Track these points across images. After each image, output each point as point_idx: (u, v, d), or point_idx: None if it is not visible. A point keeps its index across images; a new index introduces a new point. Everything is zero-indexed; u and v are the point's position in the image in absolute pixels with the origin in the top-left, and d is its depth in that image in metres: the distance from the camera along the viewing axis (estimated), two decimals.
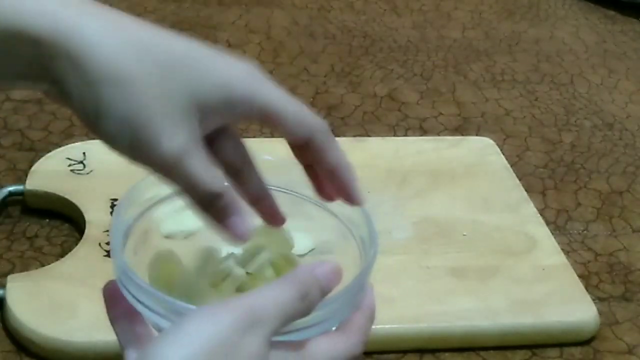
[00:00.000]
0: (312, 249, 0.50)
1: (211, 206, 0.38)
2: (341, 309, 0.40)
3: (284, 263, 0.47)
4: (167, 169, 0.37)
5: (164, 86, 0.36)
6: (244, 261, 0.46)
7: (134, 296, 0.38)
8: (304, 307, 0.37)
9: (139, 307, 0.38)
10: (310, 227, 0.48)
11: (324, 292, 0.38)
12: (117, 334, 0.40)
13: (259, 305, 0.35)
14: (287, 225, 0.45)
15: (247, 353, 0.34)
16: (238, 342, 0.34)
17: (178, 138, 0.36)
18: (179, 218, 0.46)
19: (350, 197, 0.42)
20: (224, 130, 0.39)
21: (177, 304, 0.37)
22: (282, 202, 0.45)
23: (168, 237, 0.46)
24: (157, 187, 0.43)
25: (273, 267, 0.46)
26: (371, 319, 0.42)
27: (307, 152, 0.41)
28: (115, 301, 0.40)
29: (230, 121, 0.39)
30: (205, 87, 0.36)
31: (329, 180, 0.42)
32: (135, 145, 0.36)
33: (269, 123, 0.39)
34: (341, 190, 0.42)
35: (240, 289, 0.44)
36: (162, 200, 0.45)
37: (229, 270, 0.44)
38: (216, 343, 0.33)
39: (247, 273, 0.45)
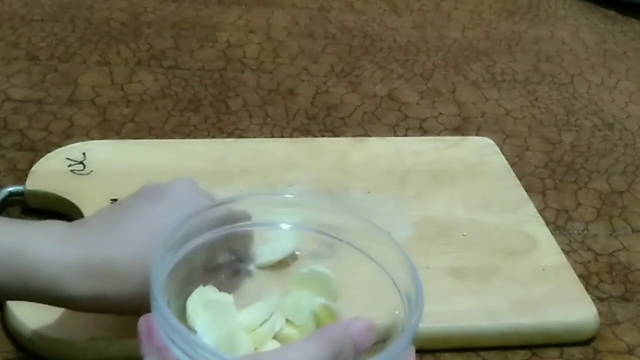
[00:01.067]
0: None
1: None
2: None
3: (325, 315, 0.46)
4: None
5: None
6: (285, 306, 0.47)
7: (168, 337, 0.39)
8: None
9: (173, 348, 0.39)
10: (350, 272, 0.49)
11: (358, 350, 0.38)
12: None
13: None
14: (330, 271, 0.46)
15: None
16: None
17: None
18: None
19: None
20: None
21: (209, 349, 0.37)
22: (316, 243, 0.46)
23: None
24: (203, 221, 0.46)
25: (314, 317, 0.46)
26: None
27: None
28: (151, 336, 0.40)
29: None
30: None
31: None
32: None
33: None
34: None
35: (276, 336, 0.45)
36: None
37: (268, 315, 0.45)
38: None
39: (287, 320, 0.46)
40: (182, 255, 0.45)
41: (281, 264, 0.54)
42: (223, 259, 0.50)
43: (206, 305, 0.44)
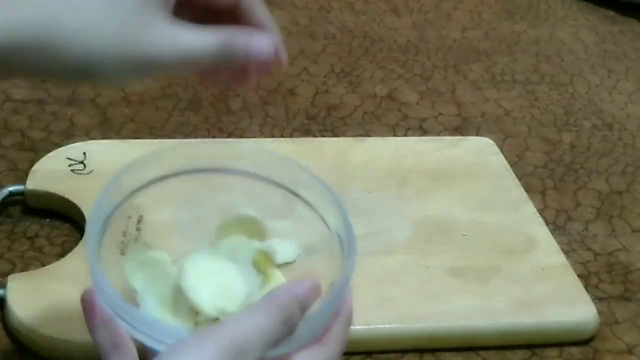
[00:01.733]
0: (298, 255, 0.50)
1: (228, 58, 0.41)
2: (322, 322, 0.40)
3: (262, 258, 0.47)
4: (170, 60, 0.38)
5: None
6: (223, 251, 0.47)
7: (111, 308, 0.39)
8: (287, 329, 0.38)
9: (119, 321, 0.39)
10: (297, 229, 0.48)
11: (304, 310, 0.39)
12: (97, 344, 0.41)
13: (243, 334, 0.36)
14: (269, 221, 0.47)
15: None
16: None
17: (164, 26, 0.38)
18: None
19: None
20: None
21: (153, 324, 0.38)
22: (275, 198, 0.46)
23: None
24: (133, 175, 0.44)
25: (253, 264, 0.47)
26: (348, 323, 0.43)
27: (235, 15, 0.44)
28: (94, 310, 0.41)
29: None
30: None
31: None
32: (132, 60, 0.37)
33: None
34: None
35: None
36: (141, 188, 0.45)
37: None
38: None
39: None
40: (117, 212, 0.44)
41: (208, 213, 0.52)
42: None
43: (142, 263, 0.45)
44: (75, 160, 0.71)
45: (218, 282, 0.44)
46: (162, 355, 0.35)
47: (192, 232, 0.48)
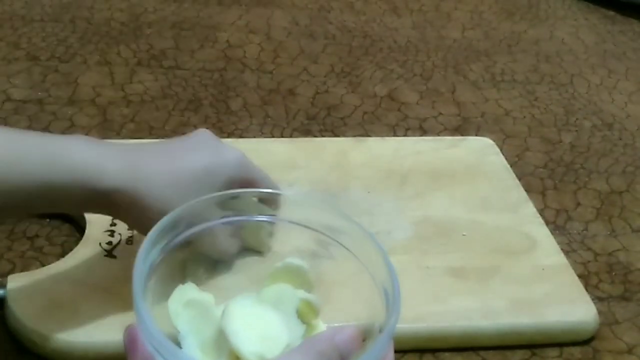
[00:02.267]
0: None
1: None
2: None
3: (306, 308, 0.47)
4: None
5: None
6: (267, 299, 0.48)
7: (152, 345, 0.39)
8: None
9: (158, 358, 0.39)
10: (334, 269, 0.49)
11: (343, 358, 0.39)
12: None
13: None
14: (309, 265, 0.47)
15: None
16: None
17: None
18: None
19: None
20: None
21: None
22: (319, 245, 0.48)
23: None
24: (186, 218, 0.46)
25: (298, 313, 0.47)
26: None
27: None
28: (136, 346, 0.40)
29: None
30: (219, 183, 0.54)
31: None
32: None
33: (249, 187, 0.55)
34: None
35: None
36: (186, 241, 0.47)
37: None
38: None
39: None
40: (164, 251, 0.45)
41: (257, 259, 0.57)
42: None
43: (187, 305, 0.45)
44: None
45: (261, 328, 0.45)
46: None
47: (238, 278, 0.48)
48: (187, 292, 0.46)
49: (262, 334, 0.44)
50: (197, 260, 0.49)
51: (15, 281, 0.59)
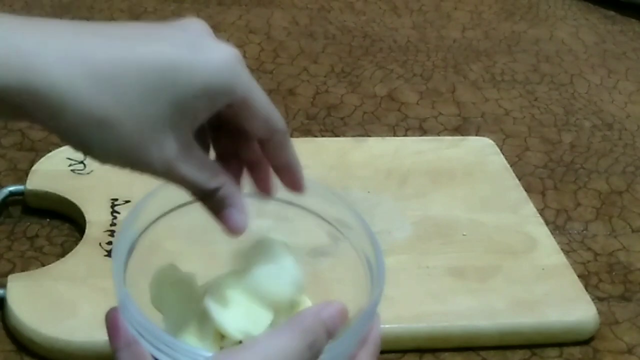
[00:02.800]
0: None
1: (207, 200, 0.40)
2: (347, 349, 0.40)
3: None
4: (163, 176, 0.38)
5: (146, 111, 0.35)
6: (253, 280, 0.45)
7: (135, 329, 0.38)
8: (311, 355, 0.36)
9: (143, 343, 0.38)
10: (325, 249, 0.48)
11: (331, 335, 0.38)
12: None
13: (265, 358, 0.35)
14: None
15: None
16: None
17: (166, 150, 0.37)
18: None
19: (299, 188, 0.44)
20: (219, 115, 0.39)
21: (178, 346, 0.37)
22: (303, 221, 0.46)
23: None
24: (160, 200, 0.44)
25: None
26: (375, 355, 0.42)
27: (263, 148, 0.42)
28: (118, 331, 0.39)
29: (215, 110, 0.38)
30: (188, 96, 0.36)
31: (278, 175, 0.44)
32: (127, 164, 0.37)
33: (240, 115, 0.39)
34: (291, 184, 0.44)
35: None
36: (166, 214, 0.45)
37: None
38: None
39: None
40: (145, 234, 0.44)
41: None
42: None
43: (169, 284, 0.44)
44: (75, 160, 0.71)
45: (245, 305, 0.43)
46: None
47: (220, 256, 0.47)
48: (168, 271, 0.45)
49: (246, 310, 0.43)
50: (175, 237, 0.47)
51: (15, 281, 0.59)
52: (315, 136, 0.83)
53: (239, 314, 0.42)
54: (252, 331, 0.42)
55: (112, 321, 0.39)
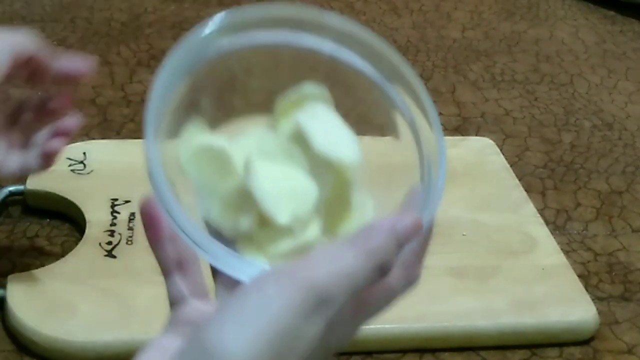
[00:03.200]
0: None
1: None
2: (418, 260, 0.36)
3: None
4: None
5: None
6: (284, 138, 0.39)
7: (177, 225, 0.33)
8: (380, 275, 0.32)
9: (187, 240, 0.33)
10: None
11: (401, 247, 0.33)
12: (159, 261, 0.36)
13: (330, 284, 0.30)
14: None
15: (310, 337, 0.30)
16: (302, 327, 0.30)
17: None
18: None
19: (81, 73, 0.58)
20: None
21: (226, 257, 0.33)
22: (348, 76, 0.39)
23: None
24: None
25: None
26: (427, 242, 0.38)
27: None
28: (158, 223, 0.35)
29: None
30: None
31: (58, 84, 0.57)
32: None
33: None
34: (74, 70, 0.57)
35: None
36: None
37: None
38: (281, 329, 0.29)
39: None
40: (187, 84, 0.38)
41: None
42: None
43: (198, 152, 0.38)
44: (75, 160, 0.71)
45: (288, 182, 0.37)
46: (239, 299, 0.30)
47: (250, 108, 0.40)
48: (196, 135, 0.39)
49: (291, 189, 0.37)
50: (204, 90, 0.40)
51: (16, 281, 0.59)
52: None
53: (285, 195, 0.37)
54: (300, 213, 0.36)
55: (149, 213, 0.36)
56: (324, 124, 0.38)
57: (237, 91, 0.41)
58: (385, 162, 0.42)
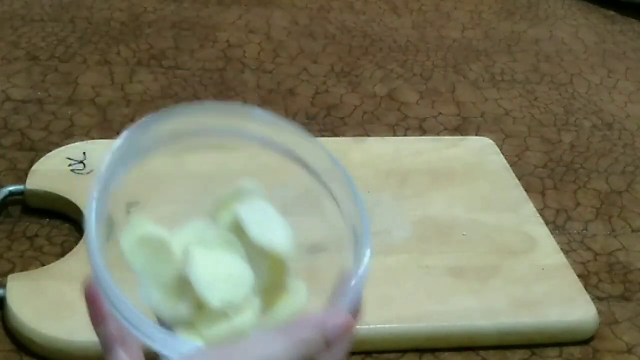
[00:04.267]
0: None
1: None
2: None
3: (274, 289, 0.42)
4: None
5: None
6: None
7: (113, 305, 0.36)
8: None
9: (121, 320, 0.36)
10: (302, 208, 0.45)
11: (330, 347, 0.34)
12: (101, 337, 0.39)
13: None
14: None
15: None
16: None
17: None
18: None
19: None
20: None
21: (168, 339, 0.35)
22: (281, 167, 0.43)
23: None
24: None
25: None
26: (355, 323, 0.38)
27: None
28: (99, 303, 0.38)
29: None
30: None
31: None
32: None
33: None
34: None
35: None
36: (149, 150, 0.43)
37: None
38: None
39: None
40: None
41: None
42: None
43: (141, 242, 0.40)
44: (75, 160, 0.71)
45: (225, 270, 0.40)
46: None
47: (191, 202, 0.45)
48: (139, 224, 0.41)
49: (227, 275, 0.40)
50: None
51: (15, 281, 0.59)
52: (315, 136, 0.83)
53: (220, 281, 0.39)
54: (234, 299, 0.39)
55: (91, 294, 0.39)
56: (260, 215, 0.41)
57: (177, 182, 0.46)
58: (316, 243, 0.44)
